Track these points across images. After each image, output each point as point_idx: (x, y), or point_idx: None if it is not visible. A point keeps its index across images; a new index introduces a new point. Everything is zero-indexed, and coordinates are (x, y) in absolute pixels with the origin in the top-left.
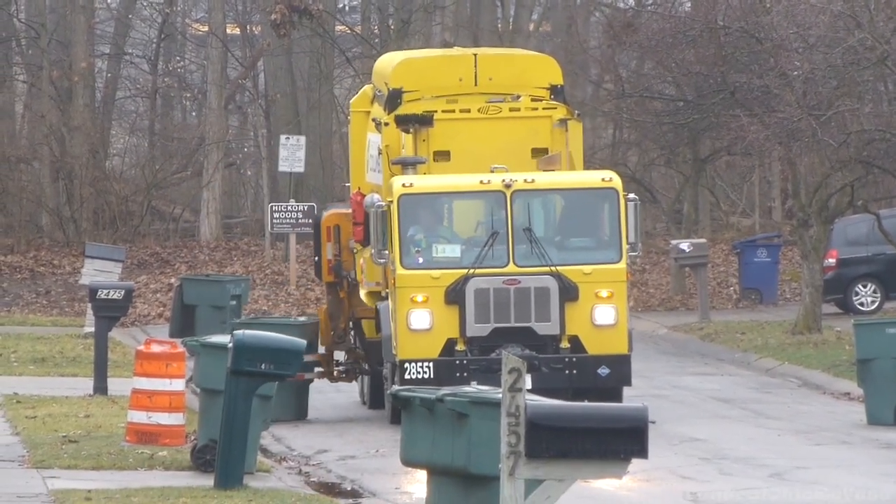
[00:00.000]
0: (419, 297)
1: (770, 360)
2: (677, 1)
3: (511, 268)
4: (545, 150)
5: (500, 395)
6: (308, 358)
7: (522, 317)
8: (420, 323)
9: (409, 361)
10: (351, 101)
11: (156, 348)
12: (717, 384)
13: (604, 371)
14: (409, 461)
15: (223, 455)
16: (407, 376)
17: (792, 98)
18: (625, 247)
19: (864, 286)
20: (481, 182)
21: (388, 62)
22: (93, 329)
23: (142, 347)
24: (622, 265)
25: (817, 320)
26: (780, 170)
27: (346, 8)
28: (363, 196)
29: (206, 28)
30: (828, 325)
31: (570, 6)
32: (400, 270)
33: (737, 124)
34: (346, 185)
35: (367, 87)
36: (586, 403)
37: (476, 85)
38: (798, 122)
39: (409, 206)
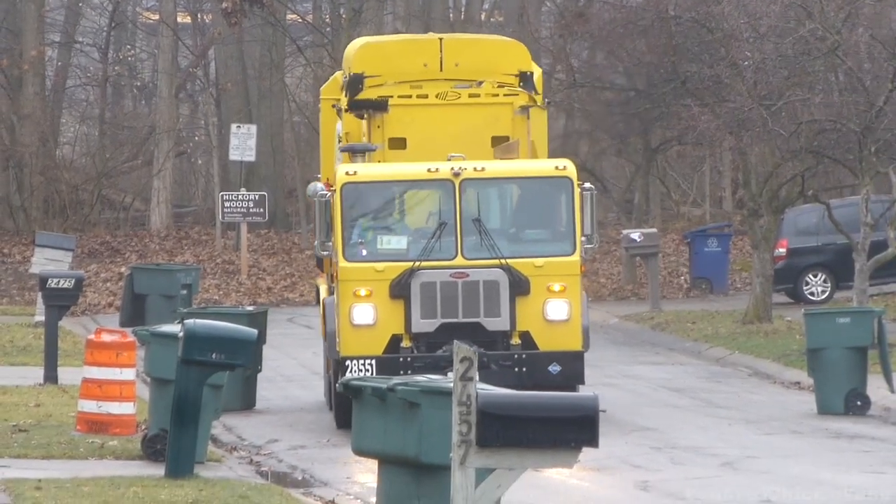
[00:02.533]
0: (362, 291)
1: (721, 349)
2: None
3: (459, 260)
4: (506, 139)
5: (452, 385)
6: None
7: (471, 312)
8: (363, 318)
9: (351, 359)
10: (321, 89)
11: (106, 338)
12: (668, 373)
13: (555, 368)
14: (361, 451)
15: (174, 444)
16: (348, 374)
17: (743, 88)
18: (579, 238)
19: (815, 276)
20: (429, 170)
21: (353, 47)
22: (43, 318)
23: (92, 337)
24: (576, 258)
25: (768, 310)
26: (731, 159)
27: None
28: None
29: (156, 16)
30: (778, 314)
31: None
32: (342, 263)
33: (688, 114)
34: (317, 176)
35: (337, 74)
36: (537, 392)
37: (441, 70)
38: (749, 111)
39: (352, 196)
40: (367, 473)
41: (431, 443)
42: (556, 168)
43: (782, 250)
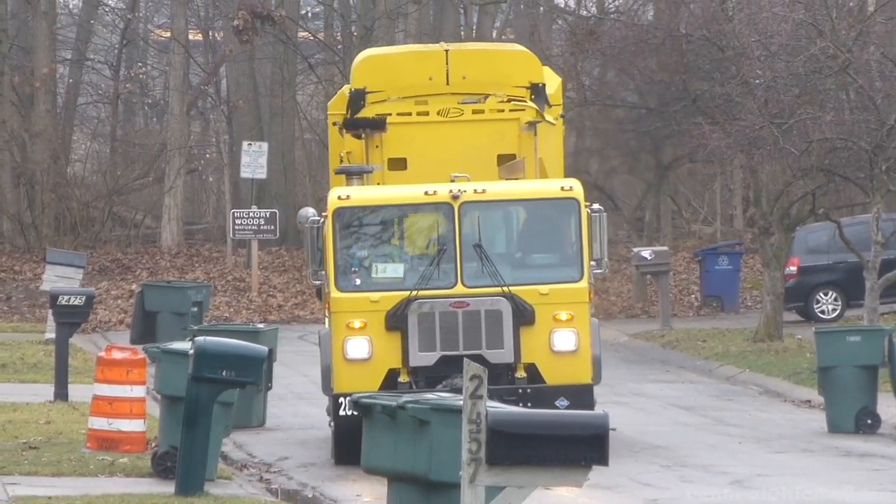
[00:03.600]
0: (356, 323)
1: (731, 367)
2: (640, 9)
3: (459, 289)
4: (512, 156)
5: (462, 403)
6: None
7: (472, 344)
8: (357, 352)
9: (345, 395)
10: (329, 104)
11: (117, 355)
12: (679, 391)
13: (562, 403)
14: (371, 468)
15: (184, 462)
16: (341, 413)
17: (754, 106)
18: (587, 263)
19: (826, 294)
20: (426, 193)
21: (356, 60)
22: (54, 335)
23: (103, 354)
24: (584, 284)
25: (778, 328)
26: (742, 178)
27: (309, 14)
28: None
29: (168, 34)
30: (789, 332)
31: (532, 14)
32: (334, 293)
33: (698, 132)
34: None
35: (344, 88)
36: (548, 411)
37: (448, 84)
38: (760, 129)
39: (344, 221)
40: (376, 491)
41: (441, 460)
42: (562, 189)
43: (793, 268)
